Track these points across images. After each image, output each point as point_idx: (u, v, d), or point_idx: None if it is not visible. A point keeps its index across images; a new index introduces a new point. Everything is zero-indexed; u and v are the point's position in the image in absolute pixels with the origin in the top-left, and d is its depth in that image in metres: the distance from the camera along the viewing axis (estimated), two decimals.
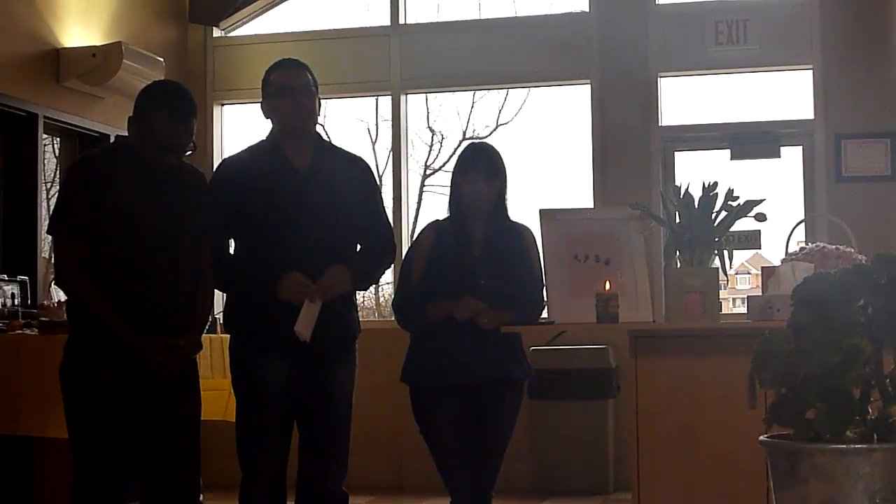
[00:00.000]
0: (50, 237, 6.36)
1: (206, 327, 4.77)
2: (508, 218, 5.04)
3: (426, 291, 4.86)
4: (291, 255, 4.63)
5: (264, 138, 4.88)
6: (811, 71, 8.56)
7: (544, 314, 5.06)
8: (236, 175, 4.74)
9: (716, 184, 4.79)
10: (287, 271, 4.59)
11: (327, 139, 5.07)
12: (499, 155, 4.99)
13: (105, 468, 4.29)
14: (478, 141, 5.14)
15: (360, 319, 4.98)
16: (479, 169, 4.90)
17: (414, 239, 5.22)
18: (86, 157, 4.74)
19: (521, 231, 5.06)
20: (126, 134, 4.50)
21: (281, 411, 4.72)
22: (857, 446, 1.47)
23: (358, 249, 4.87)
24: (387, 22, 9.32)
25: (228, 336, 4.85)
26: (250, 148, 4.92)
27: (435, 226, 5.06)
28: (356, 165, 4.97)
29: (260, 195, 4.68)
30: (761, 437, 1.54)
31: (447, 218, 5.03)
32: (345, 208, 4.78)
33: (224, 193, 4.66)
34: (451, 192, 5.01)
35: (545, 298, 4.96)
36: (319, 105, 4.88)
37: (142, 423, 4.37)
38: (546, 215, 5.01)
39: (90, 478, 4.29)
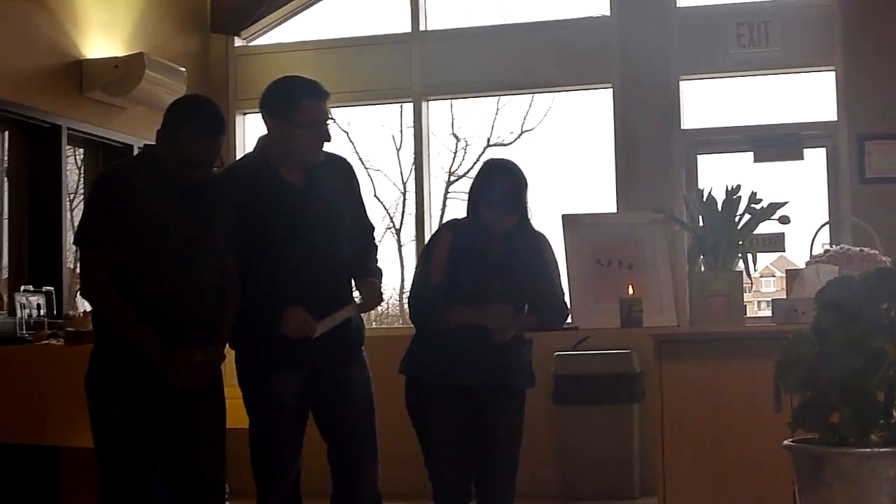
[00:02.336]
0: (75, 248, 6.40)
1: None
2: (529, 227, 4.98)
3: (445, 293, 4.82)
4: (295, 273, 4.58)
5: (253, 151, 4.79)
6: (833, 72, 8.53)
7: (568, 319, 5.04)
8: (231, 190, 4.61)
9: (739, 187, 4.79)
10: (291, 291, 4.55)
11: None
12: (520, 175, 4.88)
13: (130, 478, 4.30)
14: (497, 159, 5.00)
15: (385, 326, 4.98)
16: (500, 201, 4.80)
17: (431, 236, 5.17)
18: (111, 170, 4.74)
19: (539, 240, 5.00)
20: (150, 143, 4.50)
21: (295, 423, 4.70)
22: (881, 450, 1.47)
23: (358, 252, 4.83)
24: (408, 29, 9.33)
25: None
26: (239, 163, 4.86)
27: (452, 226, 5.03)
28: (340, 167, 4.90)
29: (260, 214, 4.60)
30: (786, 442, 1.53)
31: (465, 218, 4.97)
32: (341, 217, 4.75)
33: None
34: (469, 207, 4.93)
35: (567, 306, 4.93)
36: None
37: (167, 434, 4.38)
38: (569, 220, 5.01)
39: (115, 488, 4.30)
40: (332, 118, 4.72)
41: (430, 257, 4.93)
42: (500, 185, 4.83)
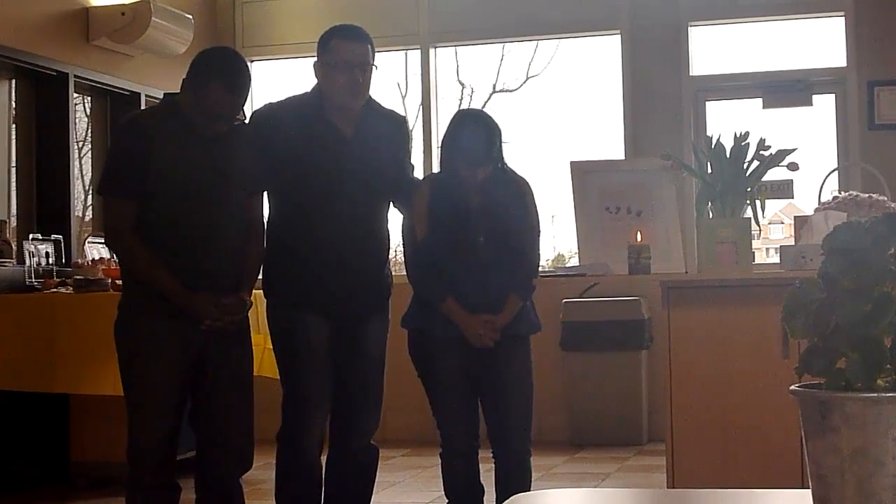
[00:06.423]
0: (85, 197, 6.40)
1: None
2: (507, 171, 4.81)
3: (434, 260, 4.70)
4: (328, 221, 4.58)
5: (309, 92, 4.70)
6: (843, 17, 8.48)
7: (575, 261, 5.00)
8: (275, 129, 4.59)
9: (747, 133, 4.77)
10: (323, 234, 4.56)
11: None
12: (492, 125, 4.72)
13: (159, 424, 4.32)
14: (467, 110, 4.90)
15: (401, 273, 4.94)
16: (472, 153, 4.65)
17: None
18: (135, 118, 4.68)
19: (521, 186, 4.83)
20: (162, 91, 4.48)
21: (327, 367, 4.68)
22: (888, 395, 1.47)
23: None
24: None
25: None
26: (293, 100, 4.75)
27: (430, 179, 4.95)
28: (393, 122, 4.84)
29: (301, 156, 4.56)
30: (792, 387, 1.54)
31: (441, 172, 4.86)
32: (385, 173, 4.70)
33: (260, 146, 4.54)
34: (442, 160, 4.83)
35: (537, 266, 4.86)
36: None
37: (195, 379, 4.40)
38: (577, 167, 5.00)
39: (145, 433, 4.32)
40: (374, 65, 4.62)
41: (412, 214, 4.78)
42: (471, 137, 4.68)
